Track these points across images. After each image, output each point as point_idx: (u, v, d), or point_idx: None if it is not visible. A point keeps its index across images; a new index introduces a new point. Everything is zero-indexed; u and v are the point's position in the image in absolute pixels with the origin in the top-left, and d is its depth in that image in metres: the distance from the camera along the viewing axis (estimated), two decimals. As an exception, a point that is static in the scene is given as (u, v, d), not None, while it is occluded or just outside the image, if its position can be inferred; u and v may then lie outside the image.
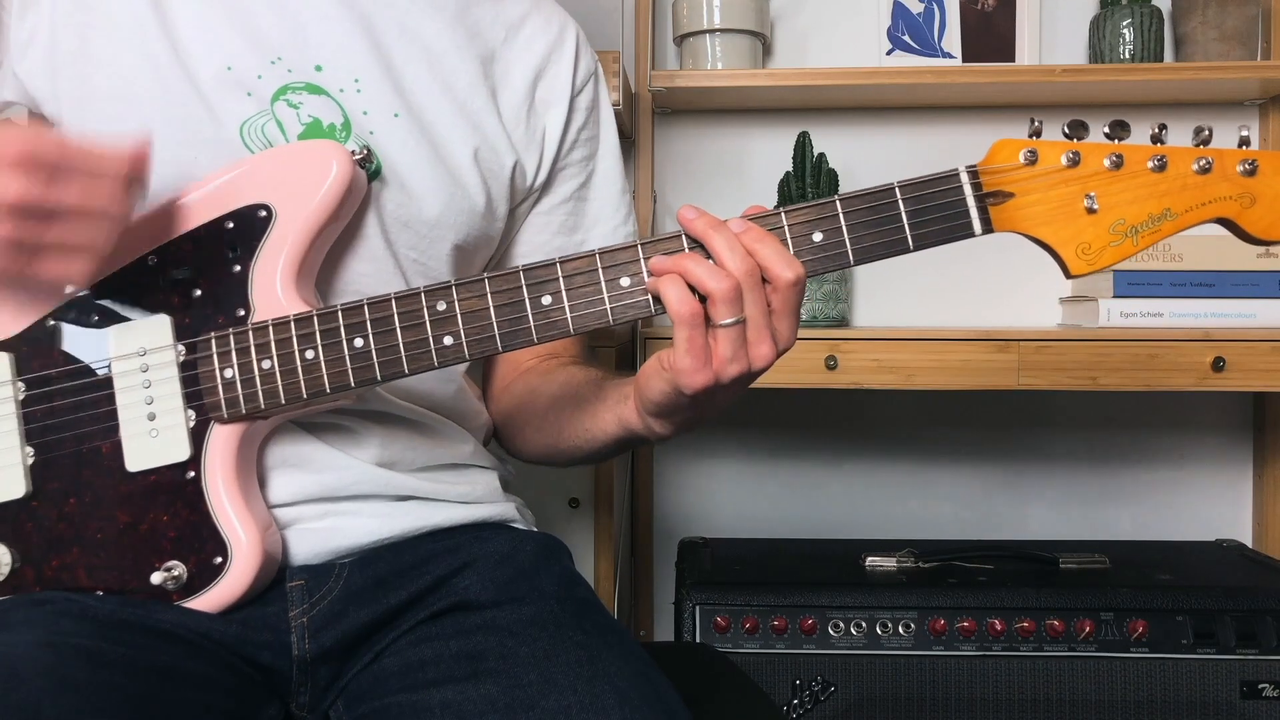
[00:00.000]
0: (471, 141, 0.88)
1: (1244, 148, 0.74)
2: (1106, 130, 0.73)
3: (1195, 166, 0.72)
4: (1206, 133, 0.73)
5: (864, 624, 1.36)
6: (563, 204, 0.97)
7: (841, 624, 1.36)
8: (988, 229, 0.73)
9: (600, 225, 0.99)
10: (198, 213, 0.78)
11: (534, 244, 0.97)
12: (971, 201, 0.73)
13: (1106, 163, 0.73)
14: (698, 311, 0.70)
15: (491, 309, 0.74)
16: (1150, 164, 0.72)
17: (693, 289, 0.71)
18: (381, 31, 0.87)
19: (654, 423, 0.79)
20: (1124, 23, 1.65)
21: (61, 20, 0.82)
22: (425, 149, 0.86)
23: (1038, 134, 0.74)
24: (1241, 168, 0.73)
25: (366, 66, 0.85)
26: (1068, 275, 0.74)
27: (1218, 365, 1.41)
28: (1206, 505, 1.82)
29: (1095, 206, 0.72)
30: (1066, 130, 0.73)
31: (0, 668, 0.63)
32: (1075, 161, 0.73)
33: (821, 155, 1.64)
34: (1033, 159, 0.73)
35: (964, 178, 0.73)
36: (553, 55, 0.96)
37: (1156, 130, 0.73)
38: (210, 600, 0.75)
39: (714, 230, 0.72)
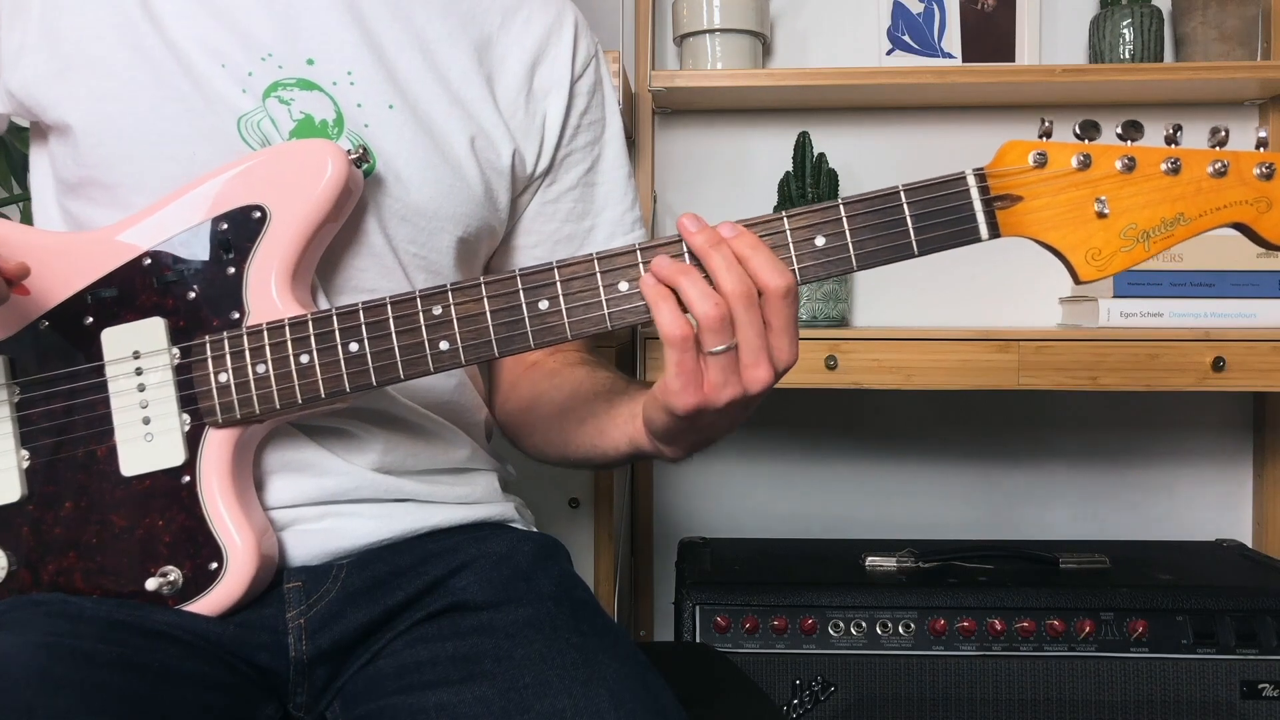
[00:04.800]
0: (468, 130, 0.87)
1: (1261, 149, 0.70)
2: (1119, 131, 0.70)
3: (1210, 170, 0.70)
4: (1223, 134, 0.70)
5: (864, 624, 1.36)
6: (569, 191, 0.95)
7: (841, 624, 1.36)
8: (995, 234, 0.70)
9: (609, 210, 0.97)
10: (192, 213, 0.78)
11: (543, 233, 0.95)
12: (979, 205, 0.70)
13: (1118, 165, 0.70)
14: (688, 335, 0.68)
15: (488, 314, 0.73)
16: (1164, 167, 0.70)
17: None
18: (373, 21, 0.86)
19: (663, 447, 0.78)
20: (1124, 23, 1.64)
21: (52, 24, 0.81)
22: (421, 140, 0.85)
23: (1048, 135, 0.71)
24: (1259, 171, 0.70)
25: (359, 58, 0.84)
26: (1077, 281, 0.72)
27: (1218, 365, 1.40)
28: (1206, 505, 1.82)
29: (1106, 210, 0.70)
30: (1077, 131, 0.70)
31: None
32: (1086, 164, 0.70)
33: (822, 155, 1.63)
34: (1042, 161, 0.70)
35: (971, 180, 0.71)
36: (550, 40, 0.94)
37: (1170, 131, 0.70)
38: (206, 605, 0.75)
39: (713, 248, 0.69)
